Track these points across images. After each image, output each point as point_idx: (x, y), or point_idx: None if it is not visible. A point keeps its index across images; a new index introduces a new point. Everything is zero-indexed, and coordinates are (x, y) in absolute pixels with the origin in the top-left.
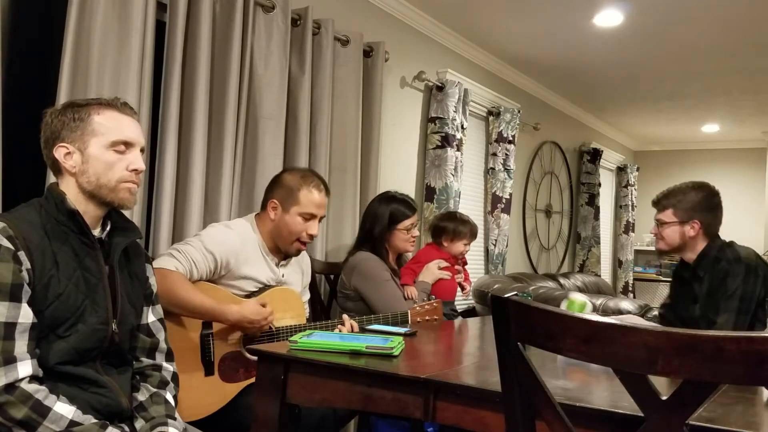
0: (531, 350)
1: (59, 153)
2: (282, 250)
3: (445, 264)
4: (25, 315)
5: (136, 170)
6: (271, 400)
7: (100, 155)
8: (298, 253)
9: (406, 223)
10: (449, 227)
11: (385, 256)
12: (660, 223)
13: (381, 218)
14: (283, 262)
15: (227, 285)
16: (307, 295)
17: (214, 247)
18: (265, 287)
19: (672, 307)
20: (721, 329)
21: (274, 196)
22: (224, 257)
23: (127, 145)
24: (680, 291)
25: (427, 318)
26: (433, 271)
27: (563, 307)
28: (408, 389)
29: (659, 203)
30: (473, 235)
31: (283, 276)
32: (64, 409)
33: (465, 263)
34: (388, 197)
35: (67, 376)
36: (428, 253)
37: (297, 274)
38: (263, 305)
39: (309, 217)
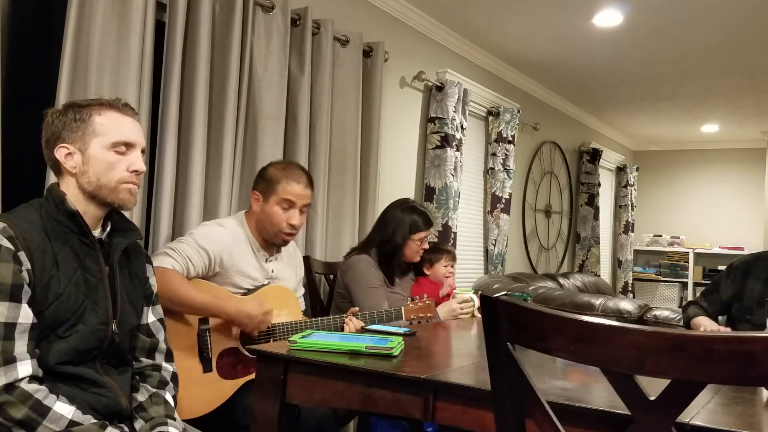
0: (530, 350)
1: (60, 153)
2: (269, 241)
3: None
4: (25, 315)
5: (136, 171)
6: (270, 400)
7: (100, 156)
8: (284, 243)
9: (421, 235)
10: (424, 257)
11: (399, 260)
12: None
13: (403, 225)
14: (271, 258)
15: (222, 283)
16: (301, 290)
17: (207, 244)
18: (259, 286)
19: (731, 306)
20: None
21: (257, 188)
22: (217, 254)
23: (128, 146)
24: (760, 291)
25: (420, 315)
26: (451, 309)
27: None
28: (407, 389)
29: None
30: (451, 256)
31: (272, 271)
32: (63, 409)
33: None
34: (410, 206)
35: (66, 376)
36: (424, 284)
37: (289, 269)
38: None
39: (288, 206)
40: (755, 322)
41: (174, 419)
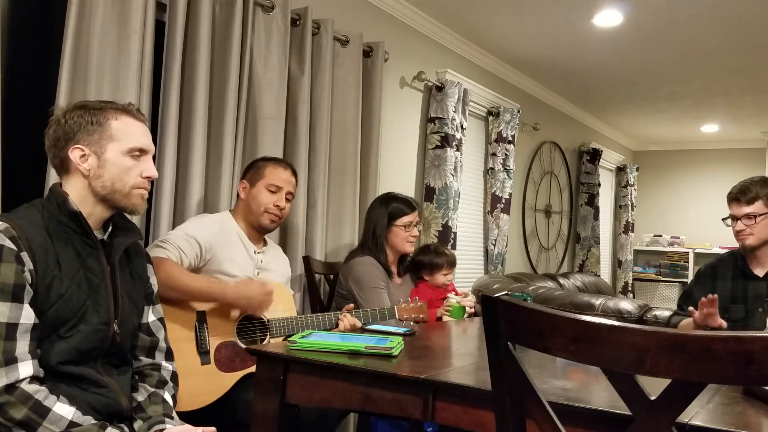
0: (530, 350)
1: (74, 155)
2: (255, 225)
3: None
4: (27, 316)
5: (149, 177)
6: (270, 400)
7: (117, 161)
8: (270, 225)
9: (405, 219)
10: (424, 260)
11: (385, 256)
12: (751, 217)
13: (381, 217)
14: (259, 251)
15: (213, 271)
16: (291, 291)
17: (196, 232)
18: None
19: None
20: None
21: (244, 176)
22: (207, 241)
23: (142, 152)
24: (730, 289)
25: (413, 315)
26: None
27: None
28: (407, 389)
29: (747, 195)
30: (451, 264)
31: (261, 262)
32: (63, 409)
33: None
34: (388, 197)
35: (67, 376)
36: (424, 290)
37: (277, 263)
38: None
39: (275, 189)
40: (732, 318)
41: (172, 418)
